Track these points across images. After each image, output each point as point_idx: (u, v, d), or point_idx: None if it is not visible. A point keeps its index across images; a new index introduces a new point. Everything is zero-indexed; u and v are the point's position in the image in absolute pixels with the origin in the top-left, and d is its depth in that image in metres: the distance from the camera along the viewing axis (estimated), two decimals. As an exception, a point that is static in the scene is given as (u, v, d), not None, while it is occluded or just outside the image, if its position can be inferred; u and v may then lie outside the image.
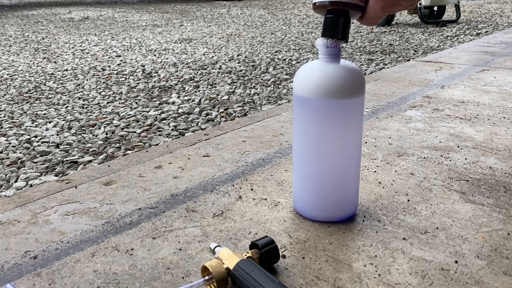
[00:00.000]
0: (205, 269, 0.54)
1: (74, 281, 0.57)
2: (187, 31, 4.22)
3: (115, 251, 0.63)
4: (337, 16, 0.58)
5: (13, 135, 1.51)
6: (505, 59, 1.99)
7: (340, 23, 0.58)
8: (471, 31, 3.73)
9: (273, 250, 0.57)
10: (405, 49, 3.02)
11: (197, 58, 2.86)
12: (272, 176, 0.85)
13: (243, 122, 1.18)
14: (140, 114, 1.71)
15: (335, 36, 0.59)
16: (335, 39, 0.59)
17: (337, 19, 0.58)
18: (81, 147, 1.39)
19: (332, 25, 0.58)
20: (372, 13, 0.56)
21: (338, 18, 0.58)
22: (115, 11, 6.26)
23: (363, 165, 0.89)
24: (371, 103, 1.32)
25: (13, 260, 0.61)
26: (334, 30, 0.58)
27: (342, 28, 0.58)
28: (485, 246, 0.63)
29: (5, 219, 0.72)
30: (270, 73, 2.40)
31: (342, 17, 0.58)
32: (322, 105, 0.62)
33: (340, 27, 0.58)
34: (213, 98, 1.93)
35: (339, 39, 0.59)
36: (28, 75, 2.47)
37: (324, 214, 0.68)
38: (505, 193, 0.77)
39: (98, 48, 3.31)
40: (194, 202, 0.76)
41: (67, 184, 0.84)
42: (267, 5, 7.02)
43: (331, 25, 0.58)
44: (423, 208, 0.73)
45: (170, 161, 0.94)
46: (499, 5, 6.21)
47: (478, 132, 1.07)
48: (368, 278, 0.56)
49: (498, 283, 0.55)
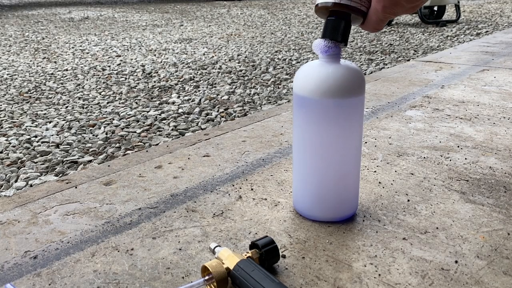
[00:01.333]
0: (205, 269, 0.54)
1: (74, 281, 0.57)
2: (187, 31, 4.22)
3: (115, 251, 0.63)
4: (338, 18, 0.58)
5: (13, 135, 1.51)
6: (505, 59, 1.99)
7: (341, 26, 0.58)
8: (471, 31, 3.73)
9: (273, 250, 0.57)
10: (405, 49, 3.02)
11: (197, 58, 2.86)
12: (272, 176, 0.85)
13: (243, 122, 1.18)
14: (140, 114, 1.71)
15: (335, 38, 0.59)
16: (335, 42, 0.59)
17: (339, 21, 0.58)
18: (81, 147, 1.39)
19: (333, 27, 0.58)
20: (373, 16, 0.56)
21: (340, 21, 0.58)
22: (115, 11, 6.26)
23: (363, 165, 0.89)
24: (371, 103, 1.32)
25: (13, 260, 0.61)
26: (335, 32, 0.58)
27: (342, 31, 0.58)
28: (485, 246, 0.63)
29: (5, 219, 0.72)
30: (270, 73, 2.40)
31: (343, 20, 0.58)
32: (322, 104, 0.62)
33: (341, 30, 0.58)
34: (213, 98, 1.93)
35: (339, 42, 0.59)
36: (28, 75, 2.47)
37: (324, 214, 0.68)
38: (505, 193, 0.77)
39: (98, 48, 3.31)
40: (194, 202, 0.76)
41: (67, 184, 0.84)
42: (267, 5, 7.02)
43: (332, 27, 0.58)
44: (423, 208, 0.73)
45: (170, 161, 0.94)
46: (499, 5, 6.21)
47: (478, 132, 1.07)
48: (368, 278, 0.56)
49: (498, 283, 0.55)
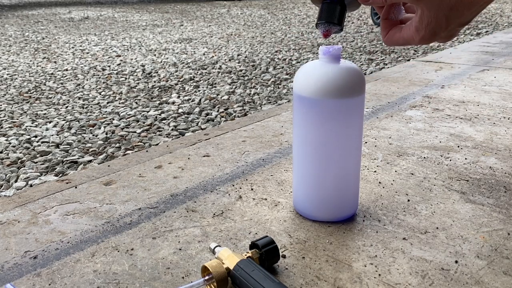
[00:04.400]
0: (205, 269, 0.54)
1: (74, 281, 0.57)
2: (187, 31, 4.22)
3: (115, 251, 0.63)
4: (333, 2, 0.58)
5: (13, 135, 1.51)
6: (505, 59, 1.98)
7: (336, 9, 0.58)
8: (471, 31, 3.73)
9: (273, 250, 0.57)
10: (405, 49, 3.02)
11: (197, 58, 2.86)
12: (272, 176, 0.85)
13: (243, 122, 1.18)
14: (140, 114, 1.71)
15: (331, 20, 0.58)
16: (331, 24, 0.58)
17: (334, 5, 0.58)
18: (81, 147, 1.39)
19: (329, 10, 0.58)
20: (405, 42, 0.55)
21: (335, 4, 0.58)
22: (115, 11, 6.26)
23: (363, 165, 0.89)
24: (371, 103, 1.32)
25: (13, 260, 0.61)
26: (331, 15, 0.58)
27: (339, 14, 0.58)
28: (485, 246, 0.63)
29: (5, 219, 0.72)
30: (270, 73, 2.40)
31: (338, 4, 0.58)
32: (322, 104, 0.62)
33: (337, 12, 0.58)
34: (213, 98, 1.93)
35: (336, 24, 0.58)
36: (28, 75, 2.47)
37: (324, 214, 0.68)
38: (505, 193, 0.77)
39: (98, 48, 3.31)
40: (194, 202, 0.76)
41: (67, 184, 0.84)
42: (267, 5, 7.02)
43: (328, 10, 0.58)
44: (423, 208, 0.73)
45: (170, 161, 0.94)
46: (499, 5, 6.21)
47: (478, 132, 1.07)
48: (368, 278, 0.56)
49: (498, 283, 0.55)
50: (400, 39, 0.55)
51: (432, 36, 0.52)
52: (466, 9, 0.49)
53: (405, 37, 0.55)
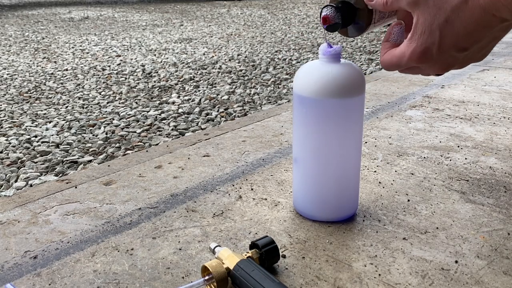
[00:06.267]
0: (205, 269, 0.54)
1: (74, 281, 0.57)
2: (187, 31, 4.22)
3: (115, 251, 0.63)
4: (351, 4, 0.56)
5: (13, 135, 1.51)
6: (505, 59, 1.98)
7: (350, 6, 0.56)
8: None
9: (273, 250, 0.57)
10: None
11: (197, 58, 2.85)
12: (272, 176, 0.85)
13: (243, 122, 1.18)
14: (140, 114, 1.71)
15: (338, 7, 0.55)
16: (336, 12, 0.55)
17: (351, 4, 0.56)
18: (81, 147, 1.39)
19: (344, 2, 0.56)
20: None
21: (351, 4, 0.55)
22: (115, 11, 6.26)
23: (363, 165, 0.89)
24: (371, 103, 1.32)
25: (13, 260, 0.61)
26: (343, 5, 0.55)
27: (348, 9, 0.55)
28: (485, 246, 0.63)
29: (5, 219, 0.72)
30: (270, 73, 2.40)
31: (354, 5, 0.55)
32: (322, 104, 0.62)
33: (349, 8, 0.55)
34: (213, 98, 1.93)
35: (339, 12, 0.55)
36: (28, 75, 2.47)
37: (324, 214, 0.68)
38: (505, 193, 0.77)
39: (98, 48, 3.31)
40: (194, 202, 0.76)
41: (67, 184, 0.84)
42: (267, 5, 7.02)
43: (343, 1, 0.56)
44: (423, 208, 0.73)
45: (170, 161, 0.94)
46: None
47: (478, 132, 1.07)
48: (368, 278, 0.56)
49: (498, 283, 0.55)
50: (393, 57, 0.52)
51: (424, 52, 0.48)
52: (462, 27, 0.46)
53: (396, 54, 0.52)
